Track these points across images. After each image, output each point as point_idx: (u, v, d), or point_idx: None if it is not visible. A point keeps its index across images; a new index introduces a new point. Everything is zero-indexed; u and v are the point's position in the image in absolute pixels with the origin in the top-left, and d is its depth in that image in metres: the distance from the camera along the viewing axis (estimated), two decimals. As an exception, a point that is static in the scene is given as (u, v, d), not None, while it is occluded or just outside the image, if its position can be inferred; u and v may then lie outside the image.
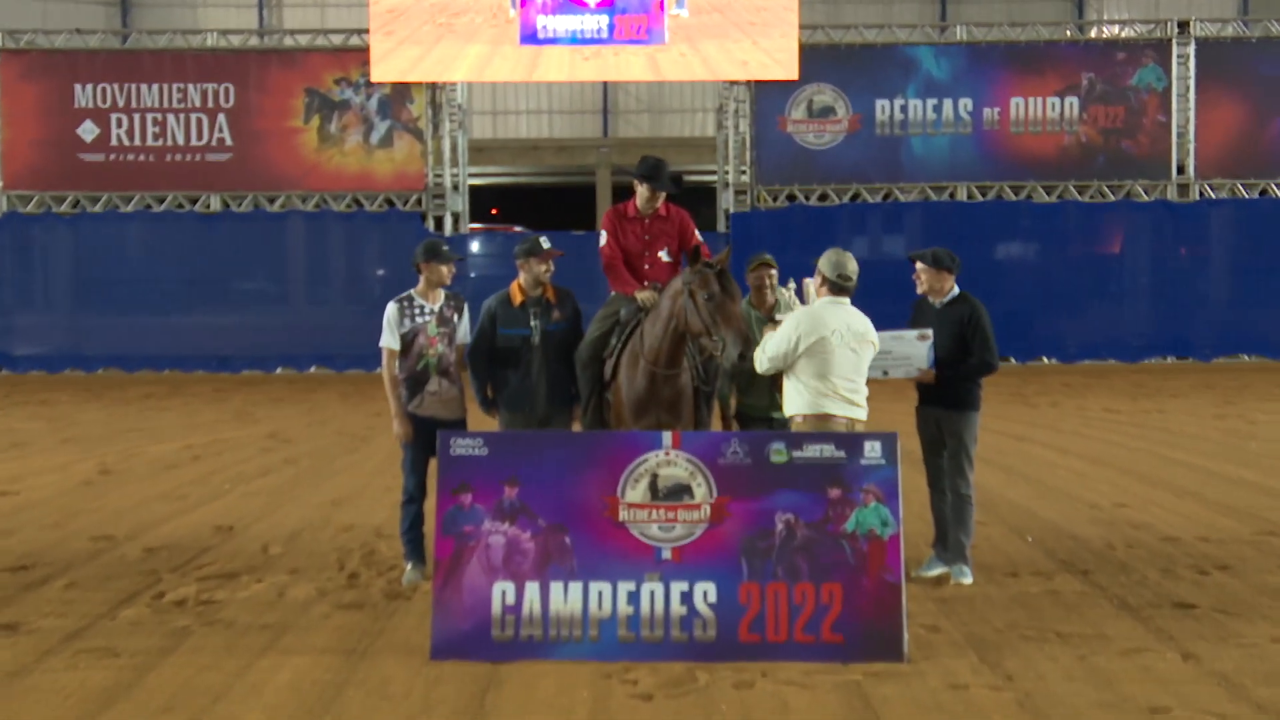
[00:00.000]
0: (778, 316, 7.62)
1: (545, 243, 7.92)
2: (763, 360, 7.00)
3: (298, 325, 23.91)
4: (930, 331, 7.53)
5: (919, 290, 7.75)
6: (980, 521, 8.69)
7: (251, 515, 9.85)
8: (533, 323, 7.77)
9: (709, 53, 23.34)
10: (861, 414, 7.04)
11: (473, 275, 23.05)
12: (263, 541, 8.84)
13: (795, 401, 7.03)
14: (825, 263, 7.14)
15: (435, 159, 24.07)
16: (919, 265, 7.73)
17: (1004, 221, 23.75)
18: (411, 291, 7.76)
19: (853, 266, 7.16)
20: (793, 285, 7.68)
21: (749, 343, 6.79)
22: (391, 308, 7.69)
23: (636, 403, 7.29)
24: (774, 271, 7.99)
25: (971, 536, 7.69)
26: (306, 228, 23.91)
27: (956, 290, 7.73)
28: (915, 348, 7.52)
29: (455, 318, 7.76)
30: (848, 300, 7.12)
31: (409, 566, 7.67)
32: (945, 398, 7.57)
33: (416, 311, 7.67)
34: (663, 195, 7.89)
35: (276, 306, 24.15)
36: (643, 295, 7.57)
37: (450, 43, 23.28)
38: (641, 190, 7.91)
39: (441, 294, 7.78)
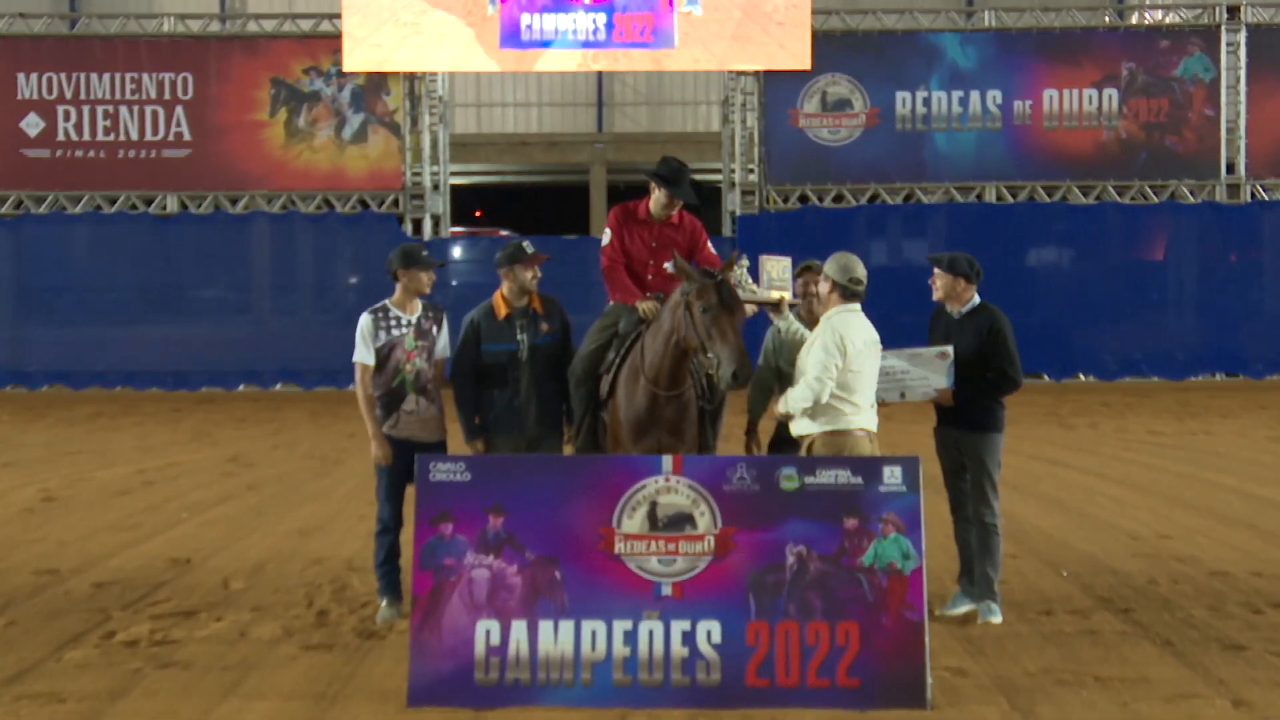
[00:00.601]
0: (743, 294, 7.49)
1: (529, 247, 7.94)
2: (806, 398, 6.94)
3: (262, 338, 23.92)
4: (950, 350, 7.56)
5: (935, 296, 7.79)
6: (1010, 554, 8.70)
7: (211, 546, 9.84)
8: (519, 336, 7.79)
9: (714, 41, 23.28)
10: (874, 422, 7.15)
11: (454, 284, 23.08)
12: (223, 575, 8.83)
13: (810, 420, 7.05)
14: (833, 267, 7.18)
15: (413, 156, 24.12)
16: (936, 271, 7.77)
17: (1037, 225, 23.79)
18: (387, 301, 7.78)
19: (863, 270, 7.21)
20: (745, 262, 7.63)
21: (744, 362, 6.77)
22: (365, 319, 7.70)
23: (635, 423, 7.30)
24: (820, 280, 8.00)
25: (1000, 570, 7.70)
26: (272, 231, 23.94)
27: (977, 299, 7.76)
28: (934, 367, 7.55)
29: (434, 330, 7.78)
30: (859, 306, 7.17)
31: (383, 603, 7.67)
32: (965, 418, 7.60)
33: (392, 323, 7.69)
34: (677, 202, 7.92)
35: (239, 317, 24.17)
36: (644, 306, 7.58)
37: (429, 31, 23.27)
38: (658, 194, 7.92)
39: (419, 304, 7.80)
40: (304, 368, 23.52)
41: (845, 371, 6.97)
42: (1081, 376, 23.57)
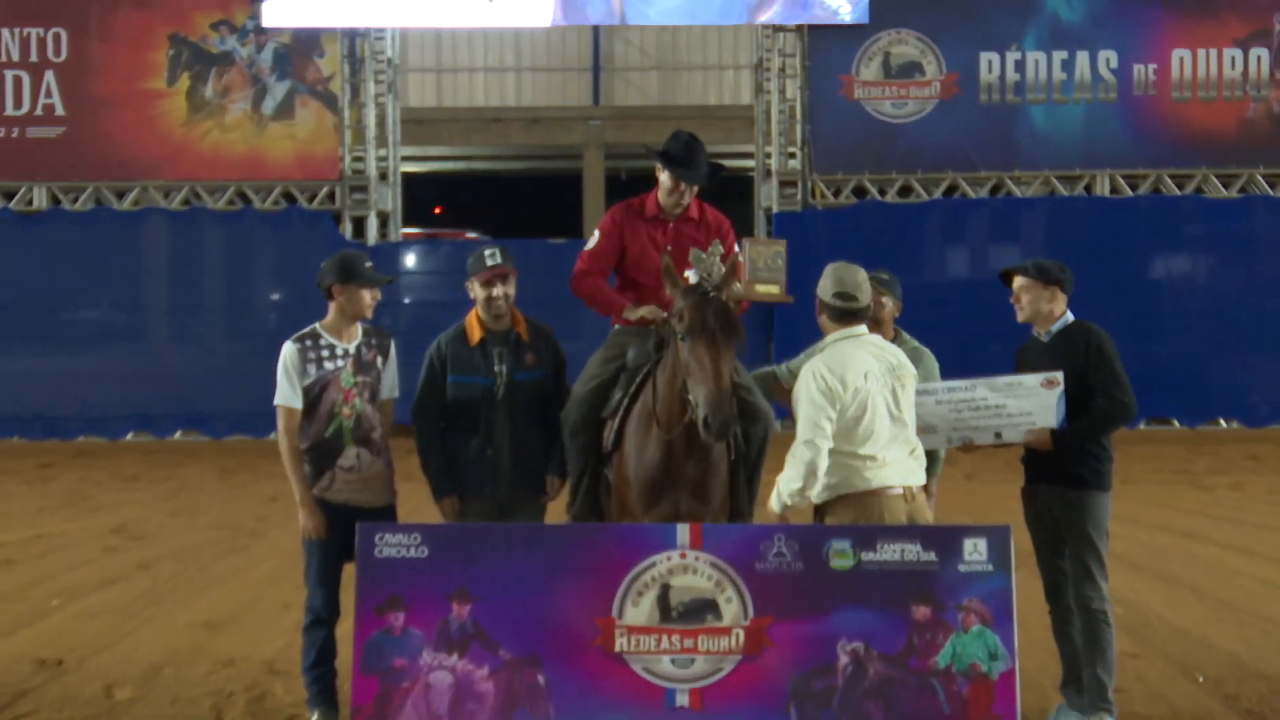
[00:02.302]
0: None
1: (493, 255, 7.96)
2: (796, 476, 6.84)
3: (158, 373, 23.83)
4: (1060, 377, 7.56)
5: (1021, 316, 7.83)
6: (1129, 653, 8.69)
7: (90, 644, 9.83)
8: (496, 368, 7.84)
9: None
10: (920, 474, 7.10)
11: (407, 301, 23.12)
12: (106, 681, 8.83)
13: (827, 485, 7.02)
14: (822, 283, 7.25)
15: (355, 136, 24.20)
16: (1017, 282, 7.81)
17: (1163, 226, 23.71)
18: (317, 326, 7.81)
19: (857, 279, 7.26)
20: (718, 249, 7.60)
21: (720, 407, 6.66)
22: (290, 349, 7.72)
23: (648, 484, 7.31)
24: (885, 300, 8.03)
25: (1114, 673, 7.70)
26: (171, 233, 23.94)
27: (1070, 316, 7.80)
28: (1038, 399, 7.56)
29: (379, 362, 7.82)
30: (862, 326, 7.23)
31: (314, 716, 7.68)
32: (1061, 471, 7.61)
33: (324, 354, 7.72)
34: (693, 189, 7.96)
35: (127, 346, 24.12)
36: (640, 312, 7.63)
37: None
38: (664, 178, 7.99)
39: (359, 329, 7.83)
40: (211, 412, 23.47)
41: (846, 417, 6.94)
42: (1222, 423, 23.52)
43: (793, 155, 24.22)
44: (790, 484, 6.87)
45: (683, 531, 6.38)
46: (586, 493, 7.73)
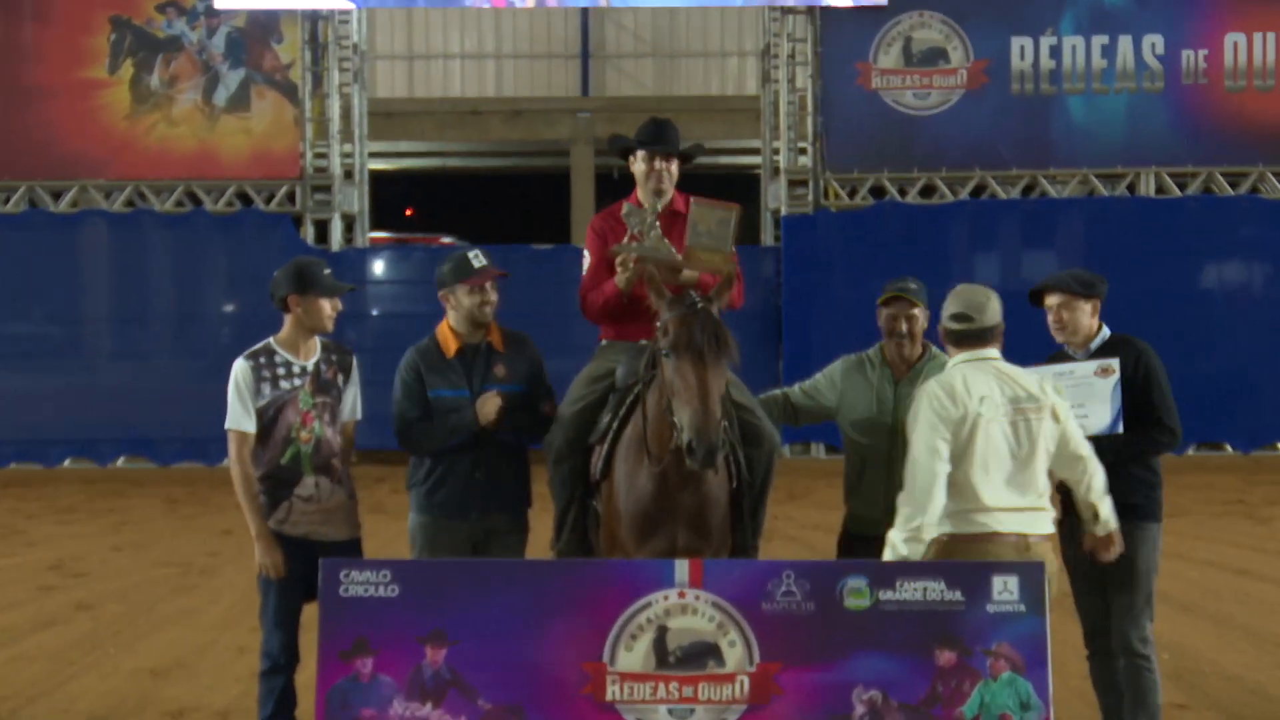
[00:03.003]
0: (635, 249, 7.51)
1: (477, 259, 8.00)
2: (913, 515, 6.84)
3: (98, 393, 23.82)
4: (1115, 365, 7.62)
5: (1061, 338, 7.86)
6: (1177, 704, 8.71)
7: (24, 693, 9.85)
8: (474, 383, 7.86)
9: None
10: (1043, 523, 7.04)
11: (375, 313, 23.14)
12: (41, 735, 8.87)
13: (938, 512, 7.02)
14: (946, 305, 7.24)
15: (317, 130, 24.25)
16: (1054, 299, 7.84)
17: (1214, 229, 23.69)
18: (272, 341, 7.82)
19: (978, 299, 7.23)
20: (652, 205, 7.68)
21: (706, 432, 6.64)
22: (241, 367, 7.72)
23: (640, 517, 7.32)
24: (916, 312, 8.08)
25: None
26: (112, 238, 23.92)
27: (1107, 331, 7.85)
28: (1093, 389, 7.61)
29: (340, 380, 7.84)
30: (993, 349, 7.18)
31: (273, 774, 7.70)
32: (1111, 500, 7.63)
33: (280, 372, 7.73)
34: (673, 169, 7.99)
35: (63, 362, 24.07)
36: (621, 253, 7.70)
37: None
38: (639, 166, 8.03)
39: (317, 345, 7.85)
40: (158, 436, 23.46)
41: (958, 443, 6.92)
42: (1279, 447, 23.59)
43: (803, 151, 24.24)
44: (909, 523, 6.82)
45: (681, 568, 6.39)
46: (573, 526, 7.75)
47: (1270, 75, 23.91)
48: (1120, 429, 7.61)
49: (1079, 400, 7.58)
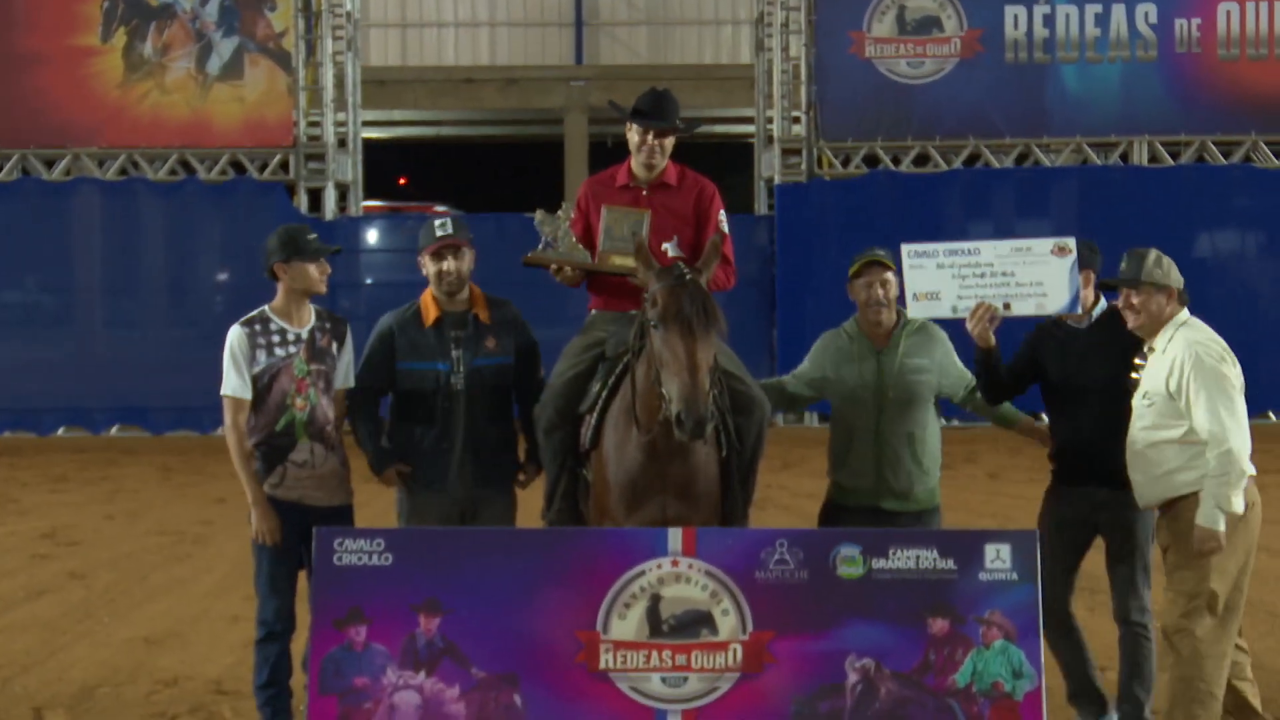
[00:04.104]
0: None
1: (443, 225, 8.00)
2: (1237, 471, 7.13)
3: (91, 362, 23.84)
4: (1072, 244, 7.70)
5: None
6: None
7: (17, 662, 9.84)
8: (453, 354, 7.87)
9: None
10: None
11: (369, 282, 23.13)
12: (35, 703, 8.85)
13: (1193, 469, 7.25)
14: (1171, 273, 7.64)
15: (310, 99, 24.17)
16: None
17: (1207, 198, 23.65)
18: (266, 309, 7.84)
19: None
20: (570, 213, 7.81)
21: (694, 403, 6.63)
22: (237, 334, 7.75)
23: (629, 487, 7.30)
24: (890, 277, 8.09)
25: (1152, 692, 7.74)
26: (105, 207, 23.86)
27: (1105, 302, 7.87)
28: (1050, 268, 7.67)
29: (334, 348, 7.85)
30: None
31: (265, 741, 7.71)
32: (1111, 470, 7.64)
33: (274, 339, 7.75)
34: (667, 144, 7.98)
35: (56, 332, 24.12)
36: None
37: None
38: (632, 136, 8.02)
39: (311, 312, 7.86)
40: (151, 405, 23.44)
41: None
42: (1272, 416, 23.54)
43: (797, 120, 24.20)
44: (1226, 487, 7.09)
45: (675, 537, 6.39)
46: (564, 496, 7.73)
47: (1264, 44, 23.86)
48: (1079, 310, 7.71)
49: (1037, 279, 7.66)
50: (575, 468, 7.72)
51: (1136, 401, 7.46)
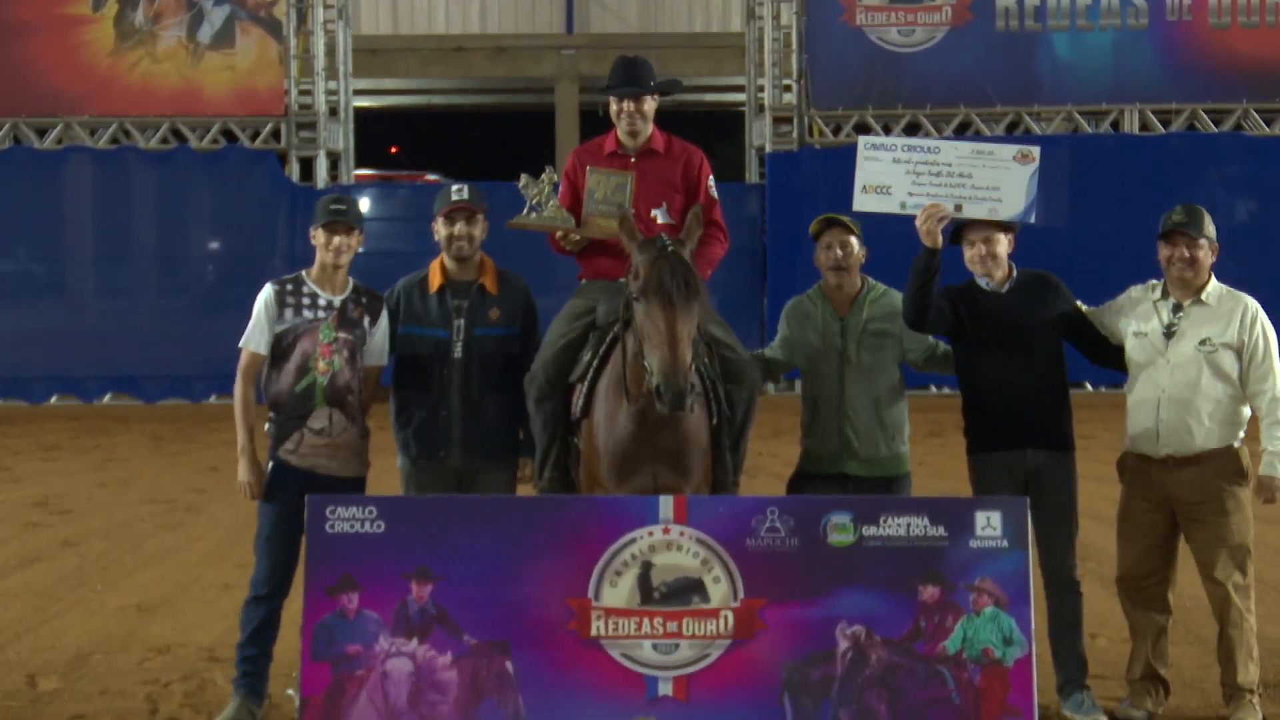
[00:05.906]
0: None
1: (460, 192, 7.99)
2: None
3: (82, 330, 23.78)
4: (1036, 152, 7.70)
5: (978, 270, 7.86)
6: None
7: (10, 629, 9.84)
8: (455, 322, 7.86)
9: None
10: None
11: (360, 251, 23.01)
12: (28, 670, 8.84)
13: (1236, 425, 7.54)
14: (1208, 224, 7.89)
15: (301, 67, 24.10)
16: (974, 234, 7.83)
17: (1198, 166, 23.60)
18: (303, 273, 7.85)
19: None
20: (553, 178, 7.87)
21: (674, 375, 6.62)
22: (269, 291, 7.77)
23: (619, 456, 7.31)
24: (853, 240, 8.08)
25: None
26: (96, 175, 23.81)
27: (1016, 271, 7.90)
28: (1010, 174, 7.66)
29: (366, 323, 7.83)
30: None
31: (234, 703, 7.59)
32: (1050, 433, 7.70)
33: (305, 302, 7.75)
34: (645, 109, 7.96)
35: (48, 300, 24.05)
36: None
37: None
38: (612, 109, 8.03)
39: (349, 284, 7.86)
40: (143, 373, 23.34)
41: None
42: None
43: (788, 88, 24.14)
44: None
45: (666, 505, 6.40)
46: (555, 464, 7.73)
47: (1254, 12, 23.80)
48: (1032, 219, 7.71)
49: (994, 183, 7.64)
50: (566, 436, 7.72)
51: (1187, 349, 7.58)
